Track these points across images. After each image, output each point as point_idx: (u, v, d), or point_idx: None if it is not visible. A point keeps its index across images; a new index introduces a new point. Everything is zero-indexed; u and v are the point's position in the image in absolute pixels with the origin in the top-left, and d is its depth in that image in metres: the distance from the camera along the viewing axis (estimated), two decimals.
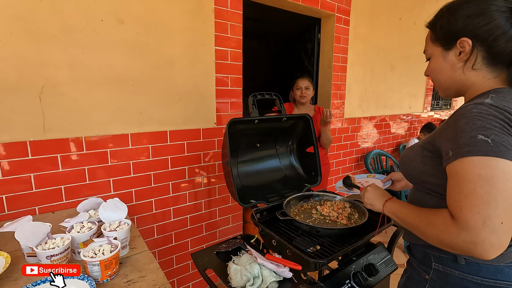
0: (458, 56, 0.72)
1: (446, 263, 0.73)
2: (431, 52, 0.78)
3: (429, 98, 3.97)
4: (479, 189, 0.57)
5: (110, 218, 1.09)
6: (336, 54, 2.59)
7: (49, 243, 0.92)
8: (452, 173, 0.63)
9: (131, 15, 1.48)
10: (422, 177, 0.76)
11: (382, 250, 1.17)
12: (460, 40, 0.70)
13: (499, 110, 0.60)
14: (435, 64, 0.77)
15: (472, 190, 0.58)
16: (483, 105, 0.62)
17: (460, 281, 0.71)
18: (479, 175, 0.57)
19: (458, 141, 0.61)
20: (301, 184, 1.50)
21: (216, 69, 1.83)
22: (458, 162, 0.61)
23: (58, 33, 1.30)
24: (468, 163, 0.59)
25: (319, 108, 2.28)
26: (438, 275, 0.75)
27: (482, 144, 0.58)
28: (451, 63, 0.73)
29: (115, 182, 1.57)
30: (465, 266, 0.70)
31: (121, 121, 1.53)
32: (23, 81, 1.26)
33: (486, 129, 0.59)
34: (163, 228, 1.81)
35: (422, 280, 0.78)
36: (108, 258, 0.87)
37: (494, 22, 0.66)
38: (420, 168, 0.75)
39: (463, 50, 0.70)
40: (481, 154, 0.58)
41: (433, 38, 0.77)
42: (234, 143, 1.32)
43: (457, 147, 0.61)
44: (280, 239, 1.03)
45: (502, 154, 0.57)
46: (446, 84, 0.77)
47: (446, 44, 0.73)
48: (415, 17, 3.33)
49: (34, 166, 1.33)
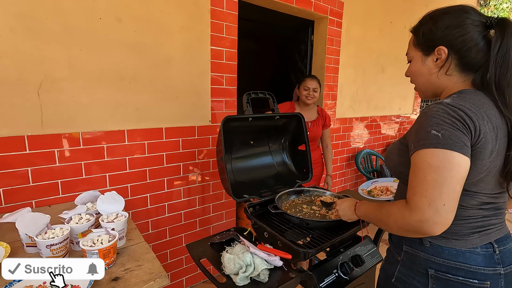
0: (435, 62, 0.79)
1: (414, 246, 0.81)
2: (412, 56, 0.85)
3: (418, 100, 4.07)
4: (428, 176, 0.66)
5: (107, 210, 1.13)
6: (328, 56, 2.66)
7: (49, 233, 0.95)
8: (412, 164, 0.71)
9: (129, 14, 1.51)
10: (398, 168, 0.84)
11: (369, 243, 1.23)
12: (438, 48, 0.77)
13: (453, 109, 0.68)
14: (414, 67, 0.85)
15: (423, 177, 0.67)
16: (441, 104, 0.70)
17: (425, 262, 0.78)
18: (429, 164, 0.66)
19: (417, 136, 0.70)
20: (292, 180, 1.55)
21: (211, 68, 1.87)
22: (416, 154, 0.69)
23: (57, 30, 1.33)
24: (422, 154, 0.68)
25: (322, 110, 2.26)
26: (407, 256, 0.82)
27: (433, 137, 0.67)
28: (428, 68, 0.81)
29: (111, 177, 1.60)
30: (429, 248, 0.78)
31: (118, 118, 1.57)
32: (22, 76, 1.28)
33: (438, 125, 0.67)
34: (158, 223, 1.84)
35: (395, 261, 0.86)
36: (106, 247, 0.90)
37: (468, 34, 0.73)
38: (396, 160, 0.83)
39: (440, 57, 0.77)
40: (432, 146, 0.66)
41: (415, 43, 0.84)
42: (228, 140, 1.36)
43: (416, 141, 0.70)
44: (271, 231, 1.08)
45: (450, 146, 0.65)
46: (424, 86, 0.85)
47: (425, 50, 0.80)
48: (406, 21, 3.42)
49: (31, 160, 1.36)
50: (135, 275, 0.90)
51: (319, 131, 2.22)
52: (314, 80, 2.12)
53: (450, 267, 0.75)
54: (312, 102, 2.15)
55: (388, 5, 3.15)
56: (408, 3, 3.38)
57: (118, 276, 0.89)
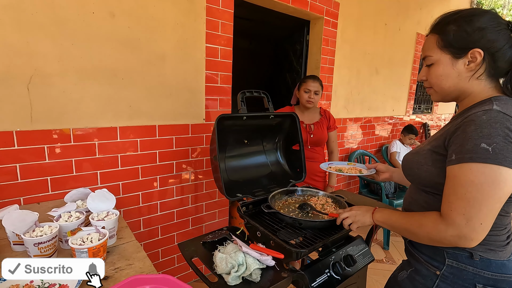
0: (466, 66, 0.74)
1: (461, 260, 0.76)
2: (437, 59, 0.78)
3: (411, 102, 4.12)
4: (468, 194, 0.65)
5: (98, 208, 1.11)
6: (323, 56, 2.67)
7: (37, 231, 0.93)
8: (450, 175, 0.69)
9: (123, 9, 1.49)
10: (435, 179, 0.77)
11: (361, 243, 1.24)
12: (472, 50, 0.72)
13: (506, 117, 0.64)
14: (442, 71, 0.77)
15: (463, 195, 0.66)
16: (492, 111, 0.66)
17: (473, 276, 0.75)
18: (472, 181, 0.64)
19: (463, 146, 0.66)
20: (286, 180, 1.55)
21: (206, 66, 1.86)
22: (458, 166, 0.67)
23: (48, 23, 1.30)
24: (466, 168, 0.65)
25: (325, 112, 2.08)
26: (451, 271, 0.78)
27: (482, 152, 0.63)
28: (458, 72, 0.75)
29: (102, 175, 1.58)
30: (479, 262, 0.74)
31: (110, 114, 1.54)
32: (11, 70, 1.25)
33: (490, 137, 0.63)
34: (150, 222, 1.82)
35: (431, 274, 0.81)
36: (96, 246, 0.89)
37: (503, 38, 0.71)
38: (433, 171, 0.77)
39: (473, 60, 0.72)
40: (479, 161, 0.64)
41: (441, 45, 0.76)
42: (222, 138, 1.36)
43: (460, 152, 0.67)
44: (264, 231, 1.08)
45: (499, 161, 0.62)
46: (449, 91, 0.79)
47: (457, 52, 0.74)
48: (400, 23, 3.46)
49: (19, 156, 1.32)
50: (125, 274, 0.89)
51: (324, 134, 2.03)
52: (316, 81, 1.94)
53: (496, 279, 0.73)
54: (312, 106, 2.00)
55: (383, 7, 3.17)
56: (402, 6, 3.42)
57: (108, 275, 0.88)
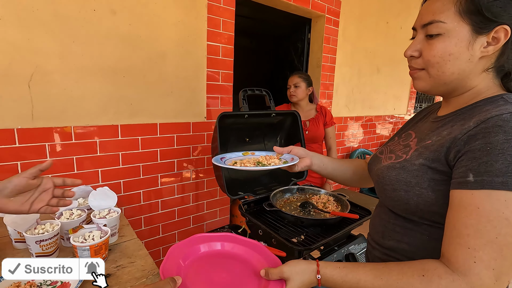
0: (483, 48, 0.54)
1: None
2: (451, 28, 0.54)
3: (412, 101, 4.11)
4: (502, 238, 0.44)
5: (100, 206, 1.11)
6: (325, 54, 2.66)
7: (39, 229, 0.93)
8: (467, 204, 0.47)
9: (124, 7, 1.48)
10: (433, 208, 0.55)
11: (363, 241, 1.24)
12: (500, 27, 0.51)
13: None
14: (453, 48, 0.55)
15: (494, 238, 0.44)
16: None
17: None
18: (508, 220, 0.44)
19: (490, 164, 0.45)
20: (287, 178, 1.55)
21: (207, 64, 1.85)
22: (483, 193, 0.45)
23: (49, 20, 1.30)
24: (498, 198, 0.44)
25: (321, 108, 2.08)
26: None
27: None
28: (471, 54, 0.54)
29: (104, 173, 1.57)
30: None
31: (111, 112, 1.54)
32: (12, 68, 1.25)
33: None
34: (151, 220, 1.82)
35: None
36: (98, 243, 0.89)
37: None
38: (430, 197, 0.55)
39: (493, 42, 0.53)
40: None
41: (463, 8, 0.53)
42: (224, 136, 1.35)
43: (486, 173, 0.45)
44: (266, 229, 1.07)
45: None
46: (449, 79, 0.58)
47: (482, 24, 0.52)
48: (402, 22, 3.45)
49: (21, 154, 1.32)
50: (127, 272, 0.89)
51: (320, 131, 2.05)
52: (294, 76, 2.01)
53: None
54: (296, 100, 2.02)
55: (384, 6, 3.16)
56: (404, 4, 3.40)
57: (110, 273, 0.88)
